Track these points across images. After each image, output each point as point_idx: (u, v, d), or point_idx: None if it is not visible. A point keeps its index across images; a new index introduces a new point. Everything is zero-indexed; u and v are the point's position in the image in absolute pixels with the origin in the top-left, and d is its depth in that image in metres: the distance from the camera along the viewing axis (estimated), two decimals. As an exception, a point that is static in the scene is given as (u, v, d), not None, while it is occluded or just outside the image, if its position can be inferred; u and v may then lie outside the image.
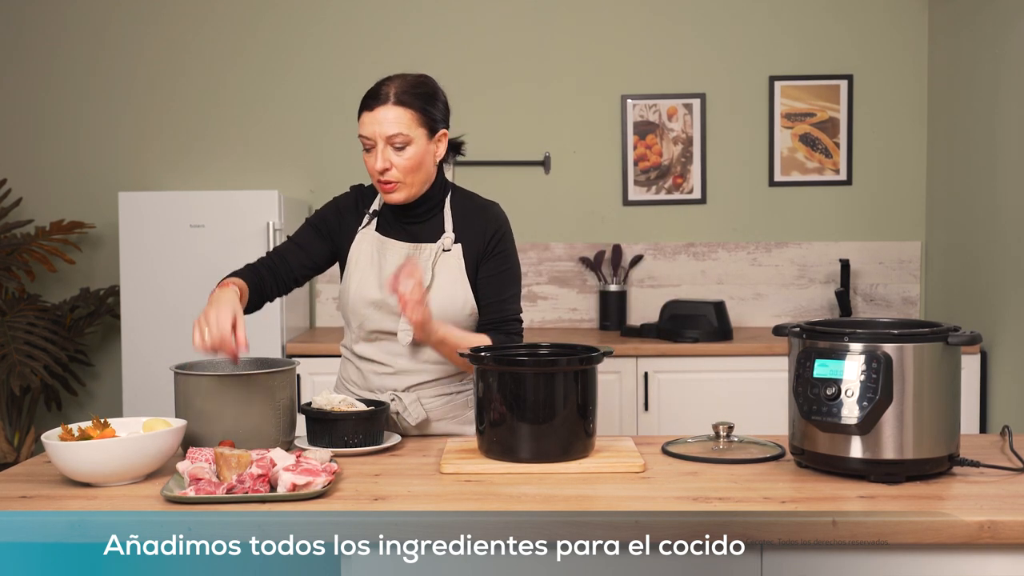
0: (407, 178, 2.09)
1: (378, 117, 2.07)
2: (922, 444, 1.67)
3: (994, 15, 3.63)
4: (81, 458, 1.66)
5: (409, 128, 2.07)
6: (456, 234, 2.17)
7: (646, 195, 4.31)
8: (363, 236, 2.19)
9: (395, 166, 2.08)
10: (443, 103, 2.17)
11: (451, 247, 2.15)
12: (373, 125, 2.07)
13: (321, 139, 4.34)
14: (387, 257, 2.16)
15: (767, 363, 3.61)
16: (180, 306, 3.72)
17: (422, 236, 2.18)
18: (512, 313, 2.20)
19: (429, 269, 2.13)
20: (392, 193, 2.11)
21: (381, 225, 2.20)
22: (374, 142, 2.08)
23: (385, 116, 2.06)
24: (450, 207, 2.20)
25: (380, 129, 2.06)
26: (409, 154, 2.08)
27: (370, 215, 2.21)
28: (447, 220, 2.18)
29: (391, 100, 2.07)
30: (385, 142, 2.07)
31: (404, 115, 2.07)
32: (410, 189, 2.12)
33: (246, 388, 1.87)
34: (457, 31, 4.30)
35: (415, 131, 2.08)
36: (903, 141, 4.29)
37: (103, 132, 4.35)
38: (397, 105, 2.07)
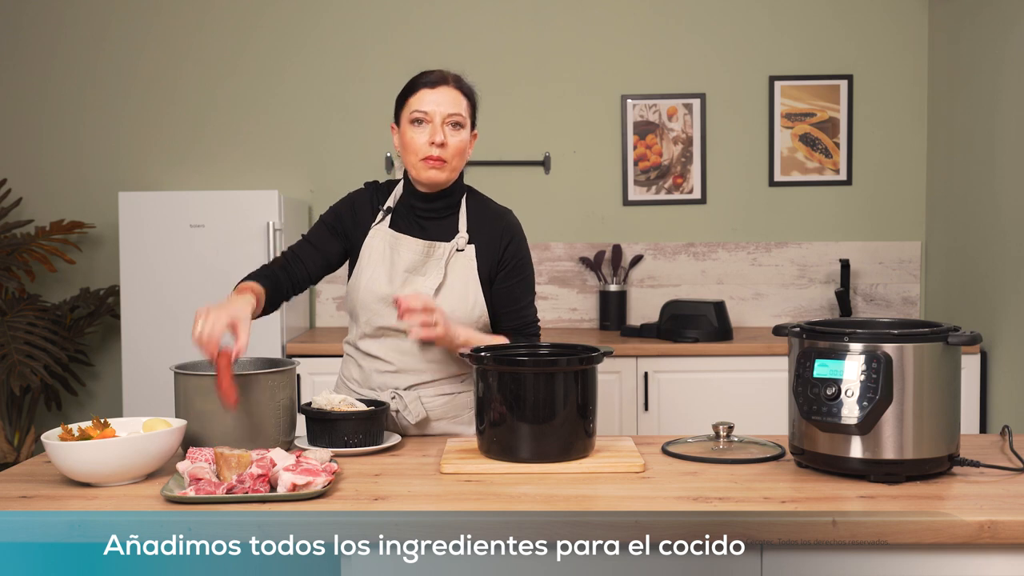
0: (453, 160, 2.13)
1: (440, 95, 2.12)
2: (922, 444, 1.67)
3: (994, 15, 3.63)
4: (81, 458, 1.66)
5: (465, 113, 2.14)
6: (470, 235, 2.18)
7: (646, 195, 4.31)
8: (376, 232, 2.20)
9: (449, 144, 2.11)
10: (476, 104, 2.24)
11: (464, 247, 2.17)
12: (434, 102, 2.11)
13: (321, 139, 4.34)
14: (400, 253, 2.17)
15: (767, 363, 3.61)
16: (180, 306, 3.72)
17: (436, 234, 2.19)
18: (531, 318, 2.23)
19: (442, 269, 2.15)
20: (434, 171, 2.12)
21: (395, 222, 2.21)
22: (431, 118, 2.10)
23: (447, 95, 2.12)
24: (465, 209, 2.22)
25: (441, 107, 2.11)
26: (462, 136, 2.14)
27: (384, 211, 2.22)
28: (462, 221, 2.20)
29: (452, 83, 2.15)
30: (443, 119, 2.10)
31: (463, 101, 2.15)
32: (451, 173, 2.14)
33: (246, 388, 1.87)
34: (457, 31, 4.30)
35: (467, 118, 2.15)
36: (903, 141, 4.29)
37: (103, 132, 4.35)
38: (457, 89, 2.15)
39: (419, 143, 2.11)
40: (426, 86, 2.13)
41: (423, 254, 2.16)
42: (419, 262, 2.15)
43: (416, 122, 2.12)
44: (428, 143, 2.10)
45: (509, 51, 4.28)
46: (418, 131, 2.11)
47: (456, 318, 2.11)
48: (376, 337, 2.18)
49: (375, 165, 4.32)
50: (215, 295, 3.82)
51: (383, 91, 4.32)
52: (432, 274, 2.14)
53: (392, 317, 2.13)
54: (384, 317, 2.15)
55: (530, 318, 2.23)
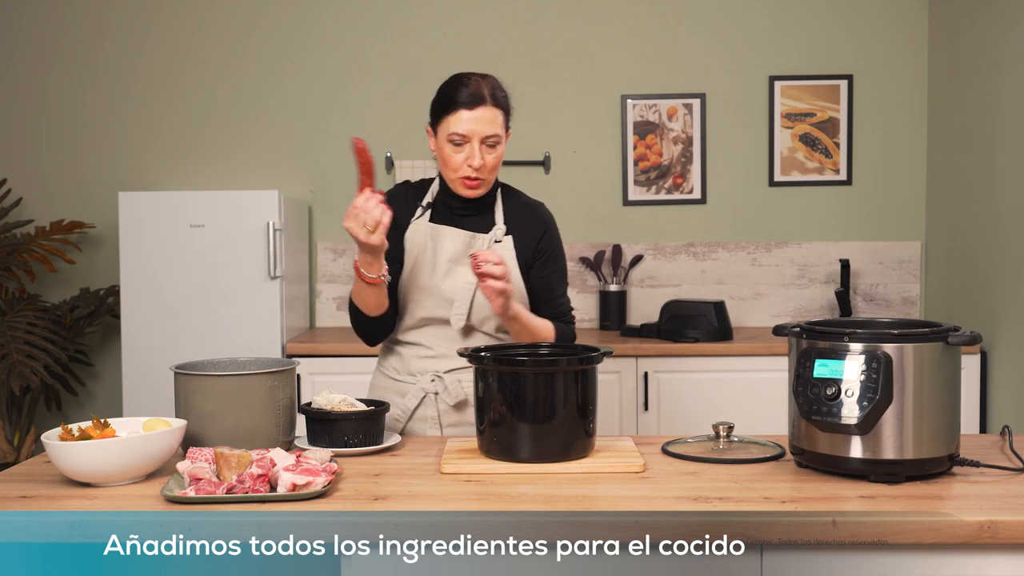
0: (490, 176, 2.18)
1: (478, 116, 2.11)
2: (922, 444, 1.67)
3: (994, 15, 3.63)
4: (81, 458, 1.66)
5: (501, 128, 2.16)
6: (507, 227, 2.24)
7: (646, 195, 4.31)
8: (417, 226, 2.23)
9: (486, 163, 2.14)
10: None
11: (503, 239, 2.22)
12: (472, 123, 2.11)
13: (321, 139, 4.34)
14: (442, 243, 2.21)
15: (767, 363, 3.61)
16: (180, 306, 3.73)
17: (474, 228, 2.24)
18: (566, 307, 2.28)
19: None
20: (475, 190, 2.17)
21: (434, 217, 2.25)
22: (469, 139, 2.12)
23: (484, 115, 2.12)
24: (501, 203, 2.27)
25: (479, 128, 2.11)
26: (498, 152, 2.17)
27: (423, 207, 2.26)
28: (498, 214, 2.25)
29: (488, 101, 2.13)
30: (480, 141, 2.12)
31: (499, 116, 2.15)
32: (487, 187, 2.20)
33: (246, 388, 1.87)
34: (457, 31, 4.30)
35: (503, 131, 2.17)
36: (903, 141, 4.29)
37: (103, 132, 4.35)
38: (494, 106, 2.13)
39: (457, 162, 2.14)
40: (464, 107, 2.11)
41: (464, 244, 2.21)
42: (461, 252, 2.20)
43: (455, 142, 2.13)
44: (465, 164, 2.13)
45: (509, 51, 4.28)
46: (456, 151, 2.14)
47: None
48: (418, 327, 2.22)
49: (375, 165, 4.31)
50: (215, 295, 3.84)
51: (383, 91, 4.34)
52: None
53: (434, 307, 2.18)
54: (426, 307, 2.19)
55: (565, 307, 2.27)
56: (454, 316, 2.17)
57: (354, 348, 3.70)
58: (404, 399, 2.23)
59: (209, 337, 3.71)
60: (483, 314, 2.19)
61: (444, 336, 2.20)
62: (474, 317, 2.19)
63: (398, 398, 2.24)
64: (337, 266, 4.33)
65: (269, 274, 3.72)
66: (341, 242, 4.33)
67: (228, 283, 3.74)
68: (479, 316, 2.19)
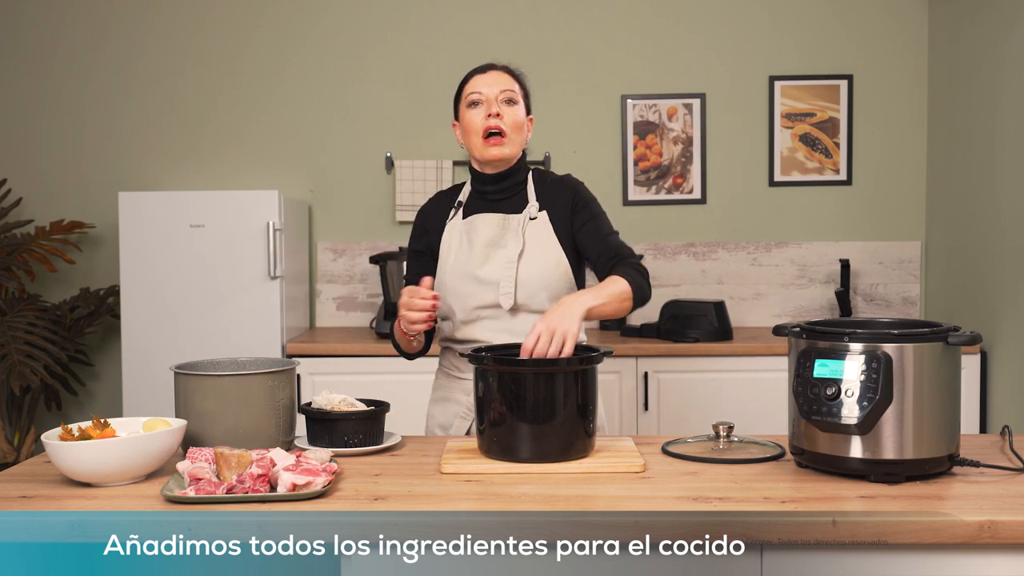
0: (512, 134, 2.21)
1: (490, 77, 2.22)
2: (922, 444, 1.67)
3: (994, 15, 3.63)
4: (81, 458, 1.66)
5: (517, 92, 2.24)
6: (540, 203, 2.27)
7: (646, 195, 4.31)
8: (451, 226, 2.28)
9: (505, 116, 2.20)
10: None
11: (536, 215, 2.25)
12: (486, 84, 2.22)
13: (321, 139, 4.34)
14: (478, 230, 2.24)
15: (767, 363, 3.61)
16: (180, 306, 3.73)
17: (509, 210, 2.27)
18: (624, 248, 2.26)
19: (520, 236, 2.21)
20: (495, 148, 2.20)
21: (467, 212, 2.29)
22: (485, 97, 2.20)
23: (498, 76, 2.23)
24: (532, 183, 2.30)
25: (493, 88, 2.21)
26: (517, 111, 2.23)
27: (455, 207, 2.30)
28: (531, 193, 2.28)
29: (500, 68, 2.26)
30: (496, 95, 2.20)
31: (513, 82, 2.25)
32: (513, 148, 2.23)
33: (246, 388, 1.87)
34: (457, 31, 4.30)
35: (520, 97, 2.25)
36: (903, 141, 4.29)
37: (103, 132, 4.35)
38: (506, 73, 2.25)
39: (477, 122, 2.21)
40: (477, 73, 2.24)
41: (499, 226, 2.23)
42: (497, 234, 2.22)
43: (472, 104, 2.21)
44: (485, 117, 2.19)
45: (509, 51, 4.26)
46: (475, 111, 2.21)
47: (543, 277, 2.18)
48: (471, 322, 2.23)
49: (375, 165, 4.32)
50: (215, 295, 3.84)
51: (383, 91, 4.34)
52: (511, 243, 2.21)
53: (483, 295, 2.19)
54: (476, 296, 2.21)
55: (624, 248, 2.25)
56: (502, 297, 2.18)
57: (354, 348, 3.71)
58: (468, 396, 2.24)
59: (209, 337, 3.71)
60: (531, 289, 2.19)
61: (497, 327, 2.20)
62: (522, 295, 2.19)
63: (463, 396, 2.26)
64: (337, 266, 4.33)
65: (269, 274, 3.73)
66: (341, 242, 4.33)
67: (228, 283, 3.74)
68: (527, 292, 2.19)
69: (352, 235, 4.33)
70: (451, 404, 2.28)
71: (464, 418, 2.24)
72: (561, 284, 2.21)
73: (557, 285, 2.20)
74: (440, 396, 2.32)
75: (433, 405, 2.33)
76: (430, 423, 2.32)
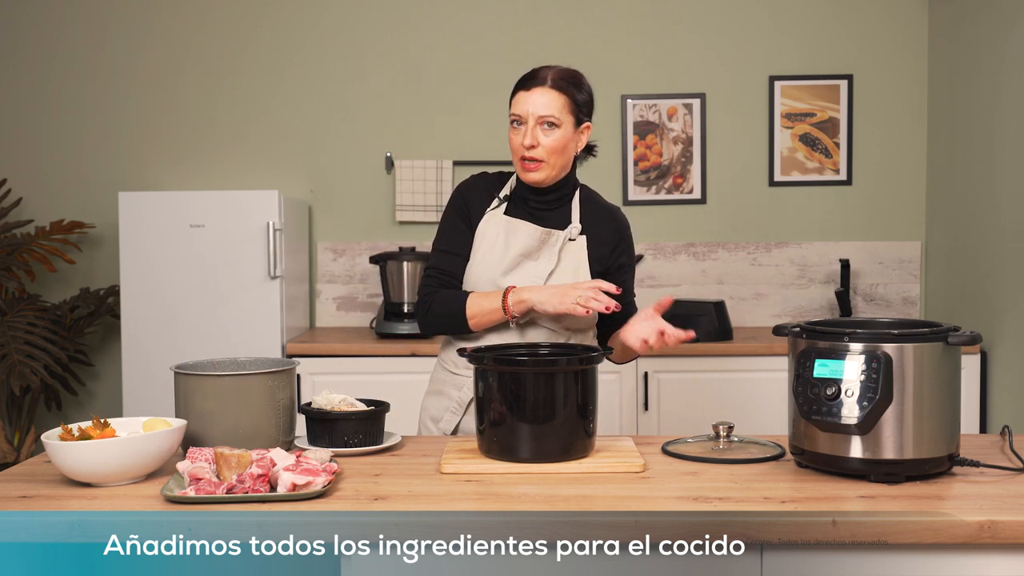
0: (550, 159, 2.17)
1: (533, 97, 2.15)
2: (922, 444, 1.67)
3: (994, 15, 3.63)
4: (81, 458, 1.66)
5: (560, 112, 2.16)
6: (582, 226, 2.24)
7: (646, 195, 4.31)
8: (491, 217, 2.24)
9: (541, 145, 2.15)
10: (590, 96, 2.25)
11: (576, 237, 2.23)
12: (527, 104, 2.15)
13: (321, 139, 4.34)
14: (517, 237, 2.21)
15: (767, 363, 3.61)
16: (180, 306, 3.73)
17: (549, 223, 2.24)
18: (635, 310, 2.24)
19: (556, 255, 2.20)
20: (531, 172, 2.18)
21: (510, 210, 2.26)
22: (525, 120, 2.15)
23: (540, 97, 2.15)
24: (578, 201, 2.27)
25: (533, 108, 2.14)
26: (556, 136, 2.16)
27: (500, 199, 2.27)
28: (574, 212, 2.26)
29: (548, 83, 2.16)
30: (536, 121, 2.15)
31: (557, 99, 2.16)
32: (550, 171, 2.18)
33: (246, 388, 1.87)
34: (457, 31, 4.29)
35: (565, 116, 2.16)
36: (903, 141, 4.29)
37: (103, 132, 4.35)
38: (552, 88, 2.16)
39: (515, 145, 2.19)
40: (522, 88, 2.18)
41: (539, 240, 2.21)
42: (534, 247, 2.21)
43: (514, 123, 2.18)
44: (521, 144, 2.16)
45: (509, 51, 4.28)
46: (515, 133, 2.19)
47: None
48: None
49: (375, 165, 4.32)
50: (215, 295, 3.84)
51: (383, 91, 4.33)
52: (544, 259, 2.20)
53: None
54: None
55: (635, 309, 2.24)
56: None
57: (354, 348, 3.71)
58: (460, 392, 2.24)
59: (209, 337, 3.71)
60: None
61: (503, 329, 2.19)
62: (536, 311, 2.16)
63: (454, 391, 2.26)
64: (337, 266, 4.33)
65: (269, 274, 3.72)
66: (341, 242, 4.33)
67: (228, 283, 3.74)
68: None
69: (352, 235, 4.33)
70: (443, 398, 2.28)
71: (455, 412, 2.25)
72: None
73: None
74: (435, 389, 2.33)
75: (427, 397, 2.34)
76: (423, 415, 2.33)
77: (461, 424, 2.25)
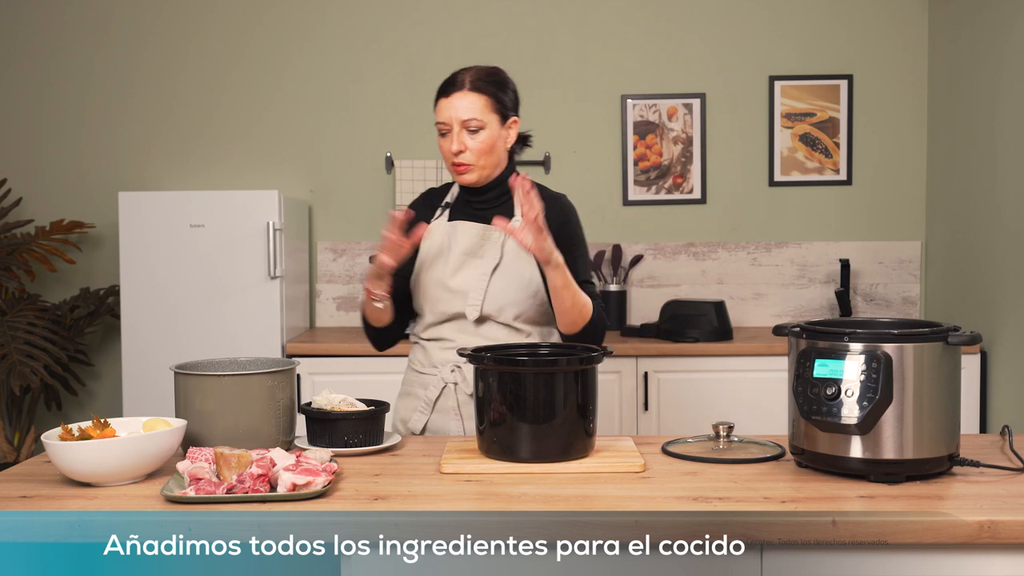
0: (479, 160, 2.21)
1: (454, 103, 2.19)
2: (922, 444, 1.67)
3: (994, 15, 3.63)
4: (81, 458, 1.66)
5: (483, 113, 2.20)
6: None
7: (646, 195, 4.31)
8: (435, 226, 2.29)
9: (469, 149, 2.20)
10: (513, 92, 2.29)
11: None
12: (449, 110, 2.20)
13: (321, 139, 4.34)
14: (457, 238, 2.25)
15: (767, 363, 3.61)
16: (180, 306, 3.73)
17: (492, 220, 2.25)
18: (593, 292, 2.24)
19: (499, 249, 2.22)
20: (465, 175, 2.22)
21: (453, 215, 2.30)
22: (450, 127, 2.20)
23: (460, 102, 2.19)
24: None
25: (456, 114, 2.19)
26: (482, 137, 2.20)
27: (442, 207, 2.32)
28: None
29: (466, 87, 2.21)
30: (460, 126, 2.19)
31: (478, 100, 2.20)
32: (482, 171, 2.23)
33: (246, 388, 1.87)
34: (456, 31, 4.29)
35: (488, 116, 2.20)
36: (903, 141, 4.29)
37: (103, 132, 4.35)
38: (472, 91, 2.20)
39: (445, 151, 2.23)
40: (442, 96, 2.22)
41: (480, 236, 2.24)
42: (476, 244, 2.23)
43: (440, 133, 2.23)
44: (449, 151, 2.20)
45: (509, 51, 4.28)
46: (444, 140, 2.23)
47: (512, 293, 2.19)
48: (439, 323, 2.26)
49: (375, 165, 4.32)
50: (215, 295, 3.84)
51: (383, 90, 4.33)
52: (489, 256, 2.22)
53: (453, 304, 2.21)
54: (446, 302, 2.22)
55: (592, 293, 2.23)
56: (469, 307, 2.20)
57: (354, 348, 3.71)
58: (426, 391, 2.26)
59: (209, 337, 3.71)
60: (498, 304, 2.20)
61: (463, 328, 2.23)
62: (488, 307, 2.20)
63: (421, 390, 2.28)
64: (337, 266, 4.33)
65: (269, 274, 3.72)
66: (341, 242, 4.33)
67: (228, 283, 3.74)
68: (494, 306, 2.20)
69: (352, 235, 4.33)
70: (411, 399, 2.30)
71: (422, 412, 2.26)
72: (531, 302, 2.22)
73: (526, 302, 2.21)
74: (404, 391, 2.35)
75: (399, 399, 2.35)
76: (395, 418, 2.34)
77: (429, 423, 2.26)
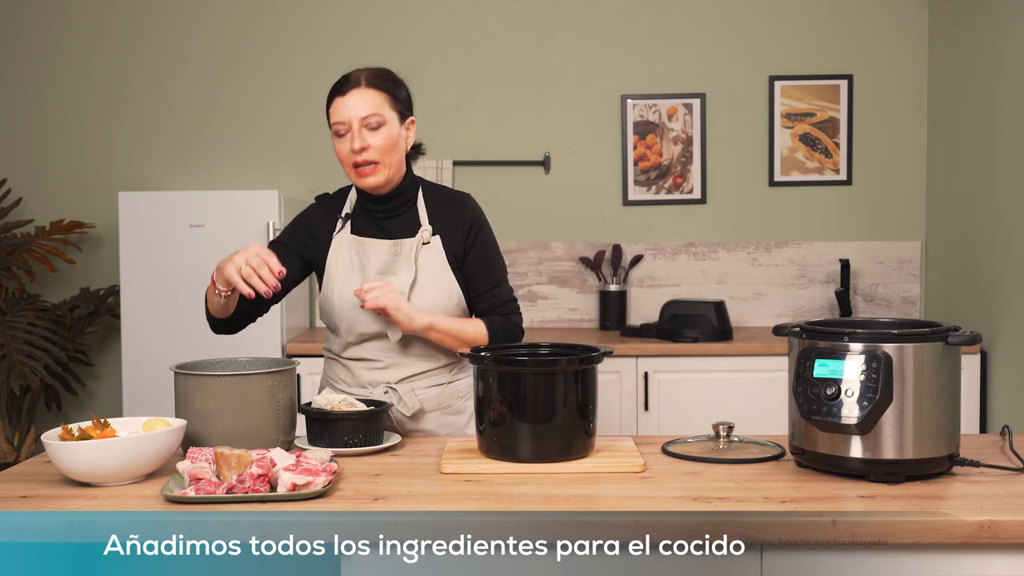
0: (384, 158, 2.11)
1: (351, 100, 2.09)
2: (922, 444, 1.67)
3: (994, 15, 3.63)
4: (81, 458, 1.66)
5: (383, 108, 2.11)
6: (433, 226, 2.19)
7: (646, 195, 4.31)
8: (339, 240, 2.20)
9: (372, 146, 2.09)
10: (407, 92, 2.21)
11: (430, 239, 2.18)
12: (346, 109, 2.09)
13: (321, 139, 4.32)
14: (368, 257, 2.17)
15: (767, 363, 3.61)
16: (180, 306, 3.73)
17: (398, 232, 2.19)
18: (506, 295, 2.22)
19: (412, 265, 2.15)
20: (369, 177, 2.11)
21: (356, 227, 2.21)
22: (348, 126, 2.09)
23: (359, 99, 2.09)
24: (423, 200, 2.22)
25: (355, 112, 2.08)
26: (384, 134, 2.11)
27: (343, 219, 2.22)
28: (422, 213, 2.20)
29: (363, 84, 2.11)
30: (360, 124, 2.09)
31: (377, 97, 2.11)
32: (387, 171, 2.13)
33: (246, 388, 1.87)
34: (457, 31, 4.29)
35: (388, 112, 2.12)
36: (903, 141, 4.29)
37: (103, 132, 4.35)
38: (369, 88, 2.11)
39: (344, 154, 2.12)
40: (338, 94, 2.12)
41: (391, 253, 2.17)
42: (389, 262, 2.16)
43: (338, 132, 2.11)
44: (350, 151, 2.10)
45: (509, 51, 4.28)
46: (341, 143, 2.12)
47: (435, 308, 2.13)
48: (360, 343, 2.19)
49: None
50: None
51: (383, 91, 4.33)
52: (403, 272, 2.15)
53: (372, 324, 2.14)
54: (364, 323, 2.15)
55: (505, 296, 2.22)
56: (390, 330, 2.13)
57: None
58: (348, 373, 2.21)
59: (209, 337, 3.69)
60: None
61: (388, 347, 2.17)
62: None
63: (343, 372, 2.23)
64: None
65: (269, 274, 3.72)
66: (341, 242, 4.33)
67: (228, 283, 3.73)
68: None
69: (352, 235, 4.33)
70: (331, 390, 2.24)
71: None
72: (453, 314, 2.17)
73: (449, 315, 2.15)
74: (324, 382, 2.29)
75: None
76: None
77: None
